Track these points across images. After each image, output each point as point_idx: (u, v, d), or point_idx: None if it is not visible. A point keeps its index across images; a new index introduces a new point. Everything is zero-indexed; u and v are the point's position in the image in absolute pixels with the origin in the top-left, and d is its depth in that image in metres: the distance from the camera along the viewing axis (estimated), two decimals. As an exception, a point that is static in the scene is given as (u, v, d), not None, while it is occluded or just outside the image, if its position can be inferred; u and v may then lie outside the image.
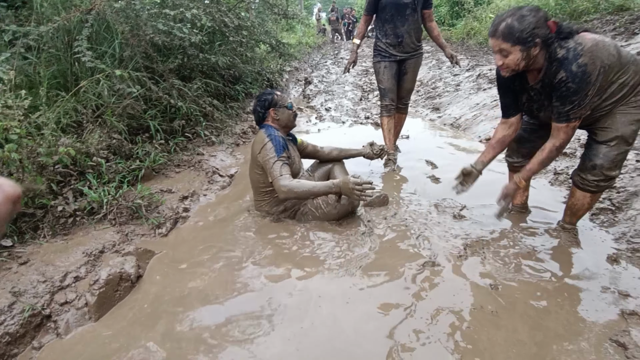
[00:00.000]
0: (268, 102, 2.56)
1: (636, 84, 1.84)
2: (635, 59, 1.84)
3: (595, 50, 1.72)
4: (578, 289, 1.90)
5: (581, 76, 1.72)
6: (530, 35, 1.72)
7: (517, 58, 1.78)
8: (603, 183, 2.01)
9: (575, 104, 1.78)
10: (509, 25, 1.74)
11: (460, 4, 12.07)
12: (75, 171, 2.64)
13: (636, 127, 1.88)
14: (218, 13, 4.00)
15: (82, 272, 1.97)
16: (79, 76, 3.28)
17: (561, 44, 1.76)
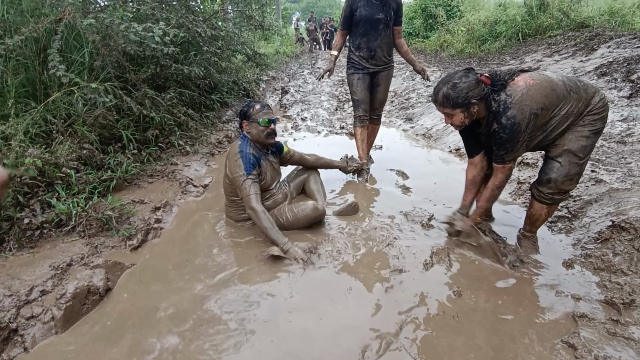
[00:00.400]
0: (243, 113, 2.60)
1: (582, 109, 1.98)
2: (576, 86, 1.98)
3: (524, 100, 1.89)
4: (535, 294, 2.01)
5: (510, 127, 1.91)
6: (465, 98, 1.93)
7: (460, 118, 2.02)
8: (557, 196, 2.14)
9: (508, 149, 1.99)
10: (444, 94, 1.96)
11: (434, 17, 12.44)
12: (44, 182, 2.60)
13: (585, 143, 2.01)
14: (192, 24, 4.01)
15: (49, 285, 1.94)
16: (49, 85, 3.23)
17: (494, 97, 1.95)
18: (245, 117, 2.58)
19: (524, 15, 8.39)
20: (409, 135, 5.14)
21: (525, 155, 3.51)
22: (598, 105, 1.99)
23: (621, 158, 3.16)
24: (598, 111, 1.99)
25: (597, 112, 1.99)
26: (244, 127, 2.61)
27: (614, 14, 7.44)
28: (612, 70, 4.92)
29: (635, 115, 3.75)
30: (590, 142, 2.02)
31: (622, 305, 1.83)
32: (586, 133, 2.00)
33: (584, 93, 1.98)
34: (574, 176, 2.08)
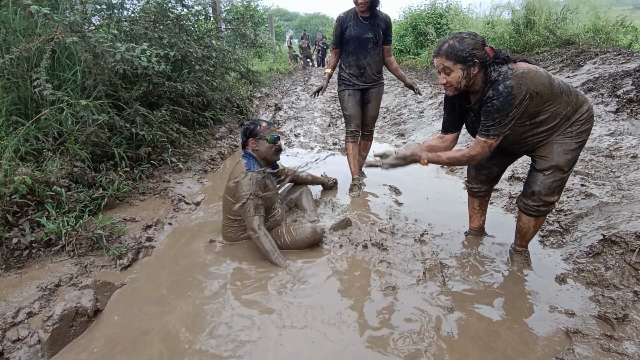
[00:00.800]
0: (249, 131, 2.63)
1: (569, 114, 2.01)
2: (568, 90, 2.02)
3: (525, 76, 1.89)
4: (528, 309, 2.00)
5: (505, 96, 1.88)
6: (470, 54, 1.90)
7: (459, 76, 1.95)
8: (543, 208, 2.16)
9: (496, 121, 1.93)
10: (450, 45, 1.92)
11: (424, 35, 12.69)
12: (34, 201, 2.57)
13: (571, 156, 2.04)
14: (185, 43, 4.05)
15: (36, 307, 1.90)
16: (40, 103, 3.23)
17: (496, 67, 1.94)
18: (252, 135, 2.61)
19: (511, 33, 8.59)
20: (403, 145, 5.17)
21: (516, 169, 3.55)
22: (585, 115, 2.02)
23: (610, 172, 3.21)
24: (584, 120, 2.02)
25: (584, 121, 2.02)
26: (249, 145, 2.63)
27: (599, 31, 7.66)
28: (598, 86, 5.03)
29: (622, 129, 3.81)
30: (575, 155, 2.05)
31: (616, 320, 1.83)
32: (573, 146, 2.03)
33: (575, 98, 2.01)
34: (556, 188, 2.10)
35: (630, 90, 4.45)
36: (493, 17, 10.48)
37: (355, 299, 2.08)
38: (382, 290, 2.14)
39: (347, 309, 2.02)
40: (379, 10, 3.38)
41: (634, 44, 7.37)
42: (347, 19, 3.37)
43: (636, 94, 4.26)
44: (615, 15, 7.85)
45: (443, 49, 1.95)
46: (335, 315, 1.96)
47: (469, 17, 11.75)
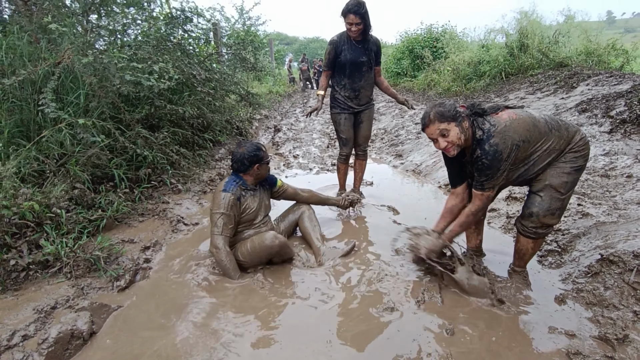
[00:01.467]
0: (257, 158, 2.66)
1: (563, 147, 2.06)
2: (557, 125, 2.07)
3: (507, 130, 1.98)
4: (528, 330, 1.98)
5: (493, 154, 1.98)
6: (456, 111, 2.03)
7: (457, 132, 2.03)
8: (540, 230, 2.18)
9: (489, 176, 2.04)
10: (436, 111, 2.05)
11: (421, 58, 12.95)
12: (33, 222, 2.58)
13: (567, 179, 2.07)
14: (187, 66, 4.15)
15: (31, 330, 1.88)
16: (42, 126, 3.28)
17: (479, 126, 2.04)
18: (258, 161, 2.67)
19: (505, 56, 8.77)
20: (399, 171, 5.21)
21: (513, 189, 3.57)
22: (579, 144, 2.07)
23: (606, 191, 3.23)
24: (579, 149, 2.07)
25: (578, 149, 2.07)
26: (253, 170, 2.68)
27: (590, 54, 7.83)
28: (592, 107, 5.11)
29: (617, 149, 3.86)
30: (572, 179, 2.08)
31: (616, 340, 1.82)
32: (567, 169, 2.06)
33: (565, 132, 2.06)
34: (556, 211, 2.12)
35: (623, 110, 4.52)
36: (487, 40, 10.73)
37: (355, 320, 2.07)
38: (381, 311, 2.13)
39: (344, 330, 2.00)
40: (370, 34, 3.47)
41: (625, 66, 7.52)
42: (341, 43, 3.45)
43: (629, 114, 4.32)
44: (607, 39, 8.04)
45: (432, 117, 2.06)
46: (333, 336, 1.95)
47: (464, 41, 12.03)
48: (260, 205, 2.79)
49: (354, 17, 3.19)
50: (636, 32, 60.98)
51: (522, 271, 2.40)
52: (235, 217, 2.58)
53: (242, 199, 2.64)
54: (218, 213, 2.52)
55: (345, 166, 3.91)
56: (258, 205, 2.75)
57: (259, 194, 2.80)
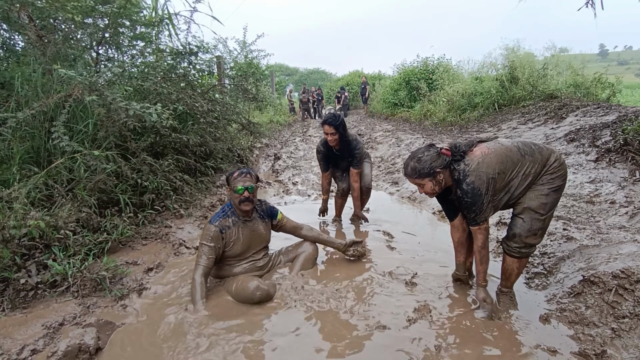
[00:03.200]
0: (226, 180, 2.75)
1: (539, 169, 2.24)
2: (531, 150, 2.26)
3: (480, 167, 2.18)
4: (514, 348, 2.08)
5: (471, 192, 2.17)
6: (430, 169, 2.24)
7: (430, 186, 2.28)
8: (524, 250, 2.31)
9: (476, 212, 2.21)
10: (412, 167, 2.28)
11: (417, 89, 13.38)
12: (42, 244, 2.71)
13: (545, 200, 2.22)
14: (190, 98, 4.38)
15: (40, 344, 1.98)
16: (52, 153, 3.46)
17: (455, 167, 2.24)
18: (227, 184, 2.74)
19: (497, 88, 9.12)
20: (395, 198, 5.37)
21: (503, 215, 3.71)
22: (554, 165, 2.23)
23: (590, 217, 3.37)
24: (554, 170, 2.23)
25: (554, 171, 2.23)
26: (227, 193, 2.78)
27: (578, 86, 8.16)
28: (579, 137, 5.33)
29: (602, 177, 4.03)
30: (551, 199, 2.23)
31: (595, 356, 1.91)
32: (545, 191, 2.22)
33: (539, 155, 2.23)
34: (537, 231, 2.26)
35: (609, 140, 4.72)
36: (481, 73, 11.15)
37: (346, 338, 2.16)
38: (372, 330, 2.22)
39: (337, 348, 2.09)
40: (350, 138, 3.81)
41: (612, 98, 7.83)
42: (327, 151, 3.93)
43: (614, 144, 4.52)
44: (593, 72, 8.40)
45: (408, 172, 2.32)
46: (323, 353, 2.04)
47: (458, 73, 12.47)
48: (253, 238, 2.79)
49: (328, 127, 3.64)
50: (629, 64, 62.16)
51: (509, 292, 2.51)
52: (217, 248, 2.62)
53: (225, 231, 2.66)
54: (201, 244, 2.61)
55: (342, 200, 4.18)
56: (249, 238, 2.76)
57: (252, 225, 2.79)
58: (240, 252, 2.75)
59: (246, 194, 2.65)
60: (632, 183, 3.72)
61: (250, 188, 2.66)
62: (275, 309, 2.47)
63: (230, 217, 2.72)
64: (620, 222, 3.14)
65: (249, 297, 2.49)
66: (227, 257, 2.75)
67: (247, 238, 2.76)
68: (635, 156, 4.08)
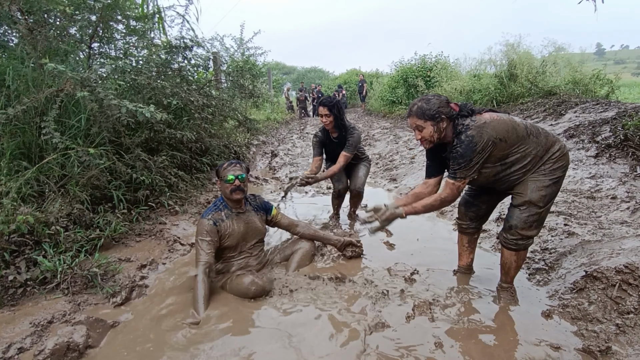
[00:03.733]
0: (216, 172, 2.73)
1: (541, 153, 2.18)
2: (537, 132, 2.20)
3: (486, 126, 2.11)
4: (516, 344, 2.03)
5: (467, 143, 2.11)
6: (436, 112, 2.16)
7: (431, 131, 2.20)
8: (521, 242, 2.27)
9: (461, 165, 2.15)
10: (419, 106, 2.20)
11: (414, 87, 13.32)
12: (32, 240, 2.64)
13: (545, 192, 2.17)
14: (186, 93, 4.30)
15: (28, 343, 1.92)
16: (44, 148, 3.38)
17: (460, 121, 2.18)
18: (217, 176, 2.71)
19: (496, 85, 9.07)
20: (393, 194, 5.31)
21: (503, 211, 3.66)
22: (557, 154, 2.18)
23: (592, 212, 3.33)
24: (557, 159, 2.18)
25: (556, 160, 2.18)
26: (217, 186, 2.73)
27: (577, 83, 8.12)
28: (579, 133, 5.29)
29: (602, 172, 3.99)
30: (550, 191, 2.18)
31: (599, 352, 1.86)
32: (546, 182, 2.17)
33: (544, 139, 2.18)
34: (533, 223, 2.22)
35: (609, 136, 4.68)
36: (479, 70, 11.09)
37: (346, 335, 2.11)
38: (373, 327, 2.17)
39: (336, 346, 2.04)
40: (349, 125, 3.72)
41: (610, 95, 7.79)
42: (324, 138, 3.84)
43: (614, 139, 4.48)
44: (592, 69, 8.36)
45: (413, 110, 2.23)
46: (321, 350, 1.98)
47: (456, 71, 12.42)
48: (247, 230, 2.74)
49: (322, 108, 3.59)
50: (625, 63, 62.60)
51: (509, 287, 2.46)
52: (215, 242, 2.57)
53: (219, 224, 2.62)
54: (197, 240, 2.55)
55: (338, 200, 4.11)
56: (244, 230, 2.71)
57: (246, 217, 2.75)
58: (235, 244, 2.69)
59: (237, 182, 2.62)
60: (633, 178, 3.68)
61: (240, 177, 2.63)
62: (271, 306, 2.41)
63: (222, 211, 2.68)
64: (622, 217, 3.10)
65: (244, 292, 2.44)
66: (222, 251, 2.70)
67: (242, 230, 2.71)
68: (636, 151, 4.03)
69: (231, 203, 2.71)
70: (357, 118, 16.77)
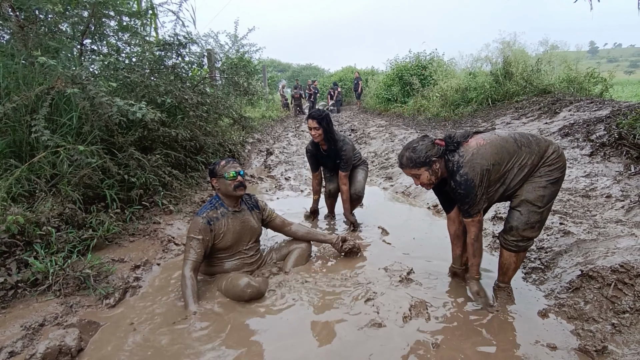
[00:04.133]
0: (210, 172, 2.71)
1: (536, 161, 2.18)
2: (528, 142, 2.19)
3: (475, 158, 2.12)
4: (512, 344, 2.02)
5: (465, 183, 2.12)
6: (425, 157, 2.19)
7: (427, 176, 2.24)
8: (521, 243, 2.26)
9: (469, 203, 2.17)
10: (407, 157, 2.23)
11: (410, 84, 13.32)
12: (22, 241, 2.60)
13: (543, 192, 2.16)
14: (180, 90, 4.26)
15: (19, 346, 1.88)
16: (35, 146, 3.32)
17: (449, 158, 2.19)
18: (213, 175, 2.67)
19: (491, 83, 9.09)
20: (389, 193, 5.30)
21: (499, 209, 3.66)
22: (552, 157, 2.17)
23: (587, 211, 3.33)
24: (552, 162, 2.17)
25: (552, 163, 2.17)
26: (214, 185, 2.71)
27: (572, 81, 8.15)
28: (573, 131, 5.30)
29: (597, 171, 4.00)
30: (549, 192, 2.17)
31: (595, 352, 1.86)
32: (543, 183, 2.16)
33: (536, 147, 2.17)
34: (535, 224, 2.21)
35: (603, 135, 4.70)
36: (474, 68, 11.11)
37: (342, 334, 2.09)
38: (369, 327, 2.16)
39: (332, 347, 2.02)
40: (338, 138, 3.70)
41: (604, 93, 7.84)
42: (315, 151, 3.85)
43: (608, 138, 4.50)
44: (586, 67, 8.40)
45: (404, 163, 2.26)
46: (318, 350, 1.97)
47: (451, 69, 12.44)
48: (243, 229, 2.71)
49: (311, 121, 3.58)
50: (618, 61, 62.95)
51: (506, 287, 2.45)
52: (206, 241, 2.53)
53: (214, 223, 2.58)
54: (189, 237, 2.52)
55: (331, 200, 4.13)
56: (239, 229, 2.68)
57: (242, 216, 2.73)
58: (230, 244, 2.65)
59: (240, 178, 2.63)
60: (628, 177, 3.69)
61: (241, 173, 2.65)
62: (267, 307, 2.39)
63: (219, 209, 2.65)
64: (617, 216, 3.11)
65: (240, 294, 2.41)
66: (217, 251, 2.66)
67: (238, 229, 2.69)
68: (630, 150, 4.05)
69: (229, 200, 2.69)
70: (353, 116, 16.74)
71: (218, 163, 2.68)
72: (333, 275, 2.76)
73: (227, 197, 2.68)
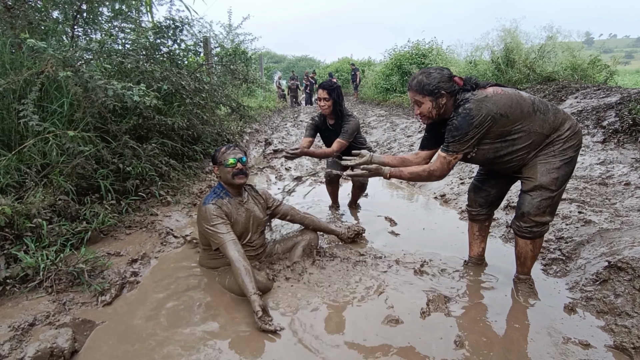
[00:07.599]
0: (212, 159, 2.55)
1: (547, 132, 2.01)
2: (545, 109, 2.02)
3: (486, 100, 1.96)
4: (539, 340, 1.89)
5: (464, 116, 1.96)
6: (436, 87, 2.02)
7: (428, 107, 2.08)
8: (535, 229, 2.12)
9: (455, 138, 2.01)
10: (418, 80, 2.06)
11: (409, 74, 13.11)
12: (12, 234, 2.42)
13: (557, 174, 2.02)
14: (176, 77, 4.06)
15: (6, 349, 1.72)
16: (24, 135, 3.13)
17: (461, 96, 2.03)
18: (214, 163, 2.52)
19: (493, 71, 8.90)
20: (393, 182, 5.15)
21: (511, 198, 3.52)
22: (567, 134, 2.02)
23: (605, 199, 3.20)
24: (567, 139, 2.02)
25: (567, 139, 2.02)
26: (216, 173, 2.55)
27: (575, 68, 7.99)
28: (582, 118, 5.16)
29: (612, 158, 3.86)
30: (562, 173, 2.03)
31: (634, 350, 1.73)
32: (557, 164, 2.01)
33: (552, 116, 2.02)
34: (547, 208, 2.07)
35: (615, 121, 4.56)
36: (475, 57, 10.90)
37: (356, 333, 1.94)
38: (385, 323, 2.01)
39: (349, 343, 1.87)
40: (346, 113, 3.51)
41: (609, 81, 7.69)
42: (320, 124, 3.65)
43: (621, 124, 4.36)
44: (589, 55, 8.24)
45: (413, 84, 2.09)
46: (335, 348, 1.82)
47: (451, 57, 12.23)
48: (249, 220, 2.55)
49: (322, 91, 3.40)
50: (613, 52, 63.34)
51: (526, 279, 2.32)
52: (228, 222, 2.36)
53: (225, 208, 2.43)
54: (209, 227, 2.31)
55: (331, 187, 3.93)
56: (245, 219, 2.52)
57: (248, 206, 2.58)
58: (238, 234, 2.44)
59: (239, 165, 2.44)
60: (644, 164, 3.56)
61: (242, 160, 2.47)
62: (274, 302, 2.24)
63: (224, 198, 2.47)
64: (639, 204, 2.97)
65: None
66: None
67: (245, 219, 2.52)
68: (645, 136, 3.92)
69: (232, 189, 2.52)
70: (351, 106, 16.52)
71: (219, 149, 2.52)
72: (341, 268, 2.61)
73: (229, 186, 2.51)
